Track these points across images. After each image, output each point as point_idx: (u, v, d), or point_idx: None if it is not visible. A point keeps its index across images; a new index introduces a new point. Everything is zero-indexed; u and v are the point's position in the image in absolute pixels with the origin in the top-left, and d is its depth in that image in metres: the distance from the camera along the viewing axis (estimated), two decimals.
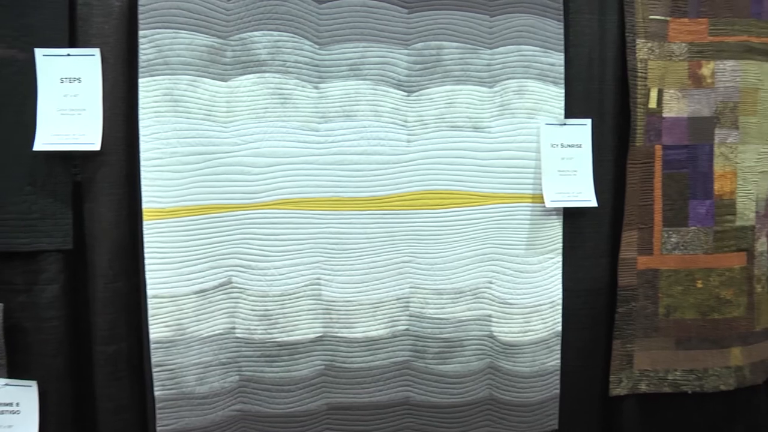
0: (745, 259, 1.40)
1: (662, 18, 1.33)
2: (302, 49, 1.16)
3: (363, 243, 1.21)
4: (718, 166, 1.37)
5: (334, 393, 1.23)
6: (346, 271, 1.21)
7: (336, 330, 1.22)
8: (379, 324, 1.23)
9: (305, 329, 1.20)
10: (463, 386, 1.28)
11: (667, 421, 1.45)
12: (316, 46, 1.17)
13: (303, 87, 1.17)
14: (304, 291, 1.19)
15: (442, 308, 1.26)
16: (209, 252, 1.14)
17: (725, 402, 1.46)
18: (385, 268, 1.23)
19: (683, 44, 1.34)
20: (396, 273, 1.23)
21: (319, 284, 1.20)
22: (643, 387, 1.39)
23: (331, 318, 1.21)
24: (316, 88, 1.18)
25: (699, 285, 1.38)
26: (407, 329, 1.25)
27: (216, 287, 1.16)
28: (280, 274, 1.18)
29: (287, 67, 1.15)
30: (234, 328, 1.18)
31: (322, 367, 1.22)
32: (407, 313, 1.25)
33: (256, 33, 1.14)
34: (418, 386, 1.27)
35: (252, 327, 1.18)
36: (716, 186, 1.38)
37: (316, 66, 1.17)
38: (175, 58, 1.09)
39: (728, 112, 1.37)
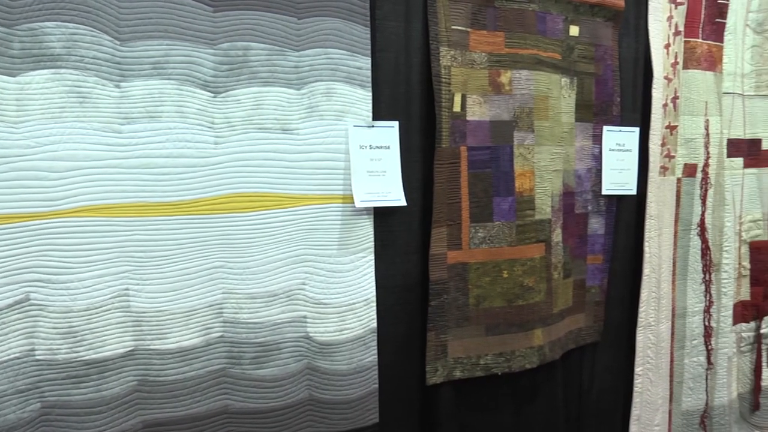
0: (544, 249, 1.55)
1: (463, 29, 1.42)
2: (101, 45, 1.09)
3: (172, 249, 1.17)
4: (518, 166, 1.50)
5: (149, 409, 1.18)
6: (155, 279, 1.16)
7: (148, 342, 1.16)
8: (192, 333, 1.20)
9: (115, 344, 1.13)
10: (282, 389, 1.28)
11: (481, 402, 1.56)
12: (117, 42, 1.10)
13: (103, 85, 1.10)
14: (112, 303, 1.13)
15: (257, 312, 1.25)
16: (1, 267, 1.04)
17: (529, 378, 1.60)
18: (196, 275, 1.19)
19: (483, 54, 1.45)
20: (208, 279, 1.21)
21: (127, 295, 1.14)
22: (457, 373, 1.48)
23: (142, 330, 1.16)
24: (118, 86, 1.11)
25: (505, 275, 1.50)
26: (222, 336, 1.23)
27: (11, 306, 1.05)
28: (84, 287, 1.10)
29: (85, 63, 1.08)
30: (33, 350, 1.08)
31: (135, 382, 1.16)
32: (221, 319, 1.23)
33: (48, 24, 1.04)
34: (236, 393, 1.25)
35: (55, 347, 1.09)
36: (517, 184, 1.51)
37: (118, 63, 1.11)
38: None
39: (525, 117, 1.51)
